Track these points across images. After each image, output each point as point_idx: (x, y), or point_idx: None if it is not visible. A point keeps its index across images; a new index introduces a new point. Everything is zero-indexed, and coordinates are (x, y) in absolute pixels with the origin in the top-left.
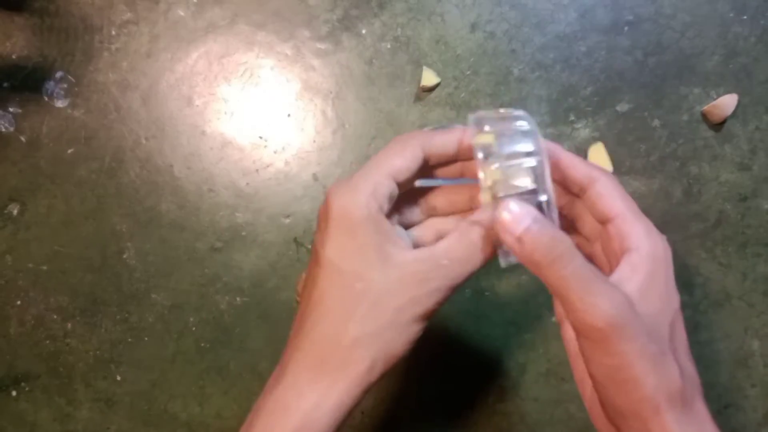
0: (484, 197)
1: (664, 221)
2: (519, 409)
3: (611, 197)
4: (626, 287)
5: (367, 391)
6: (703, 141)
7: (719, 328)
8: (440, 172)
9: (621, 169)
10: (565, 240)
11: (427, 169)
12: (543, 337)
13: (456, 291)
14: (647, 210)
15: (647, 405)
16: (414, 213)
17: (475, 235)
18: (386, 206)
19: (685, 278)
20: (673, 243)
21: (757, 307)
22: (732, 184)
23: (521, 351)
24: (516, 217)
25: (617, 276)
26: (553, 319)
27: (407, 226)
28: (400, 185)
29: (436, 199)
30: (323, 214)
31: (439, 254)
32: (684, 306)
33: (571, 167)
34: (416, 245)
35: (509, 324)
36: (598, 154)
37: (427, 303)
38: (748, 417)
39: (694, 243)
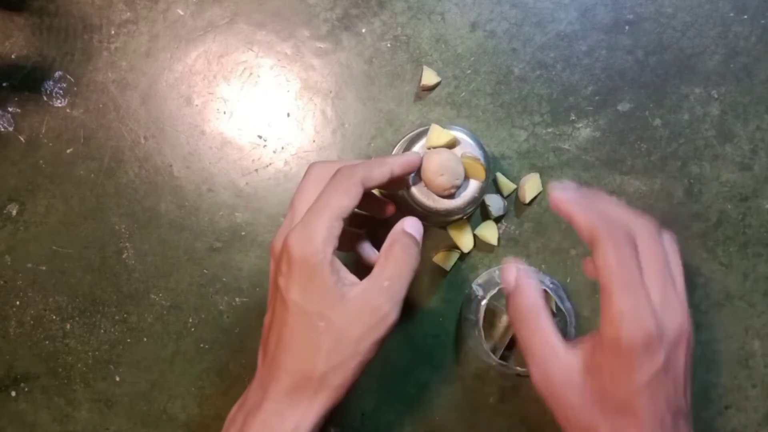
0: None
1: (664, 221)
2: (520, 409)
3: (602, 267)
4: (574, 359)
5: (337, 405)
6: (704, 141)
7: (720, 329)
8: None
9: (622, 169)
10: (541, 308)
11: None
12: None
13: (402, 303)
14: (648, 210)
15: None
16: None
17: (398, 251)
18: (336, 244)
19: (686, 278)
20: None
21: (758, 307)
22: (733, 184)
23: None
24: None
25: (577, 347)
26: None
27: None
28: (345, 220)
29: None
30: (285, 259)
31: (378, 279)
32: None
33: (578, 227)
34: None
35: None
36: (533, 185)
37: (381, 328)
38: (749, 417)
39: (695, 243)
